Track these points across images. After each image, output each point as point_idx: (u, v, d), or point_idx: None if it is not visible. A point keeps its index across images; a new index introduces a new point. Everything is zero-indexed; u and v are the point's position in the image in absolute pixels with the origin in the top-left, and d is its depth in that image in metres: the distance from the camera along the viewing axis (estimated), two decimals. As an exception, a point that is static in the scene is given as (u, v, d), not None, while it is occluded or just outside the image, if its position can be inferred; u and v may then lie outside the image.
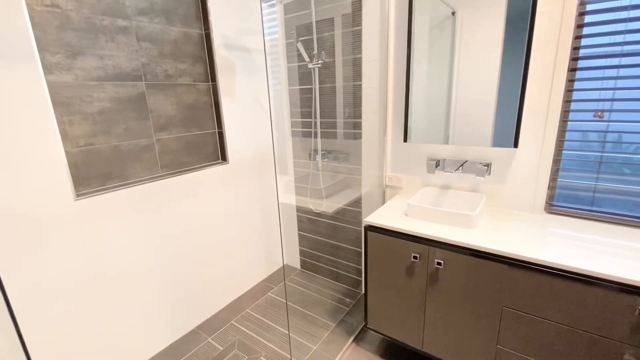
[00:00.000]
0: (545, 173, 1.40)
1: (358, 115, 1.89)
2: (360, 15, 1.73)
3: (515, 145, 1.38)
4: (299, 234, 2.46)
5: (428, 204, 1.63)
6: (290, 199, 2.35)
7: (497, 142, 1.45)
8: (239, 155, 2.06)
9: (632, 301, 0.97)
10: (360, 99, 1.85)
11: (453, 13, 1.48)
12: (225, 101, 1.93)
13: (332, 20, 1.86)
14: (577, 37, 1.28)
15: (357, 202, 2.04)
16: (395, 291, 1.47)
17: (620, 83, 1.26)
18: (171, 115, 1.75)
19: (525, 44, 1.30)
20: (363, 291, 2.18)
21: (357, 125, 1.91)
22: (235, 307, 2.12)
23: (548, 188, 1.42)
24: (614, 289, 0.99)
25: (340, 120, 1.98)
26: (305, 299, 2.18)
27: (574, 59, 1.30)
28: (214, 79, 1.88)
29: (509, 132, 1.40)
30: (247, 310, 2.09)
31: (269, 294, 2.26)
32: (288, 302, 2.16)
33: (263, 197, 2.28)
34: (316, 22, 1.90)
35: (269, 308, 2.11)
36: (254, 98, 2.13)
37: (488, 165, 1.52)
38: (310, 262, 2.47)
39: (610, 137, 1.31)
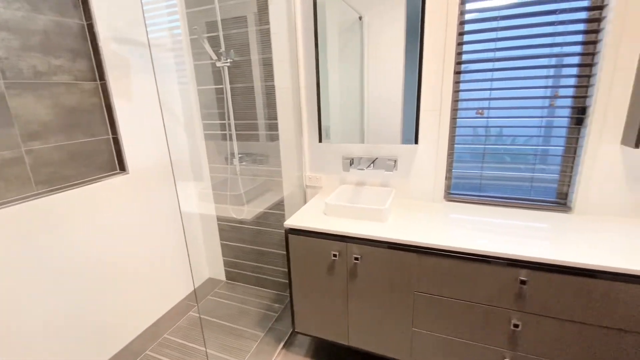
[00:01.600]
0: (442, 165, 1.55)
1: (273, 116, 1.85)
2: (267, 14, 1.69)
3: (416, 141, 1.50)
4: (221, 243, 2.31)
5: (345, 201, 1.67)
6: (208, 207, 2.19)
7: (403, 139, 1.55)
8: (142, 164, 1.82)
9: (515, 272, 1.12)
10: (275, 99, 1.81)
11: (360, 18, 1.54)
12: (120, 103, 1.69)
13: (240, 17, 1.77)
14: (460, 44, 1.44)
15: (280, 205, 2.00)
16: (319, 291, 1.47)
17: (495, 84, 1.46)
18: (46, 120, 1.46)
19: (417, 50, 1.41)
20: (292, 294, 2.15)
21: (274, 127, 1.86)
22: (151, 334, 1.88)
23: (445, 178, 1.58)
24: (501, 264, 1.13)
25: (256, 121, 1.91)
26: (232, 312, 2.06)
27: (458, 63, 1.46)
28: (102, 77, 1.63)
29: (412, 130, 1.51)
30: (165, 335, 1.88)
31: (191, 313, 2.07)
32: (213, 319, 2.00)
33: (176, 208, 2.07)
34: (224, 19, 1.79)
35: (192, 329, 1.93)
36: (158, 99, 1.92)
37: (395, 161, 1.62)
38: (235, 272, 2.34)
39: (490, 131, 1.51)
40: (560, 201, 1.45)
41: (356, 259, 1.33)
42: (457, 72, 1.46)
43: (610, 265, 1.00)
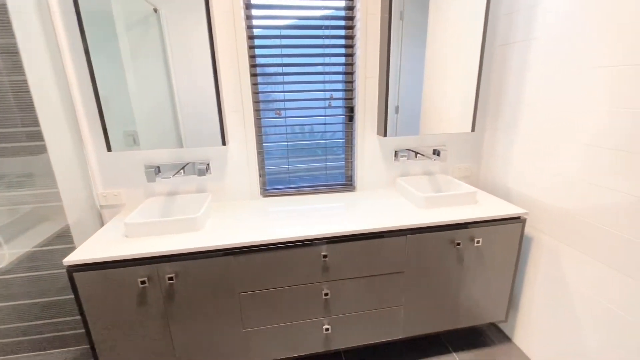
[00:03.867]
0: (254, 164, 1.61)
1: (33, 122, 1.39)
2: (-5, -17, 1.23)
3: (224, 143, 1.47)
4: (-30, 310, 1.58)
5: (156, 216, 1.47)
6: None
7: (211, 141, 1.48)
8: None
9: (319, 249, 1.29)
10: (31, 100, 1.36)
11: (155, 10, 1.34)
12: None
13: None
14: (251, 47, 1.51)
15: (65, 236, 1.54)
16: (131, 328, 1.23)
17: (287, 87, 1.61)
18: None
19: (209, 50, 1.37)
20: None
21: (35, 136, 1.40)
22: None
23: (260, 176, 1.64)
24: (307, 245, 1.27)
25: (2, 130, 1.38)
26: (5, 399, 1.46)
27: (253, 65, 1.52)
28: None
29: (219, 132, 1.47)
30: None
31: None
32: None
33: None
34: None
35: None
36: None
37: (208, 164, 1.56)
38: (8, 343, 1.67)
39: (289, 129, 1.67)
40: (348, 183, 1.79)
41: (170, 278, 1.19)
42: (254, 75, 1.53)
43: (379, 226, 1.31)
